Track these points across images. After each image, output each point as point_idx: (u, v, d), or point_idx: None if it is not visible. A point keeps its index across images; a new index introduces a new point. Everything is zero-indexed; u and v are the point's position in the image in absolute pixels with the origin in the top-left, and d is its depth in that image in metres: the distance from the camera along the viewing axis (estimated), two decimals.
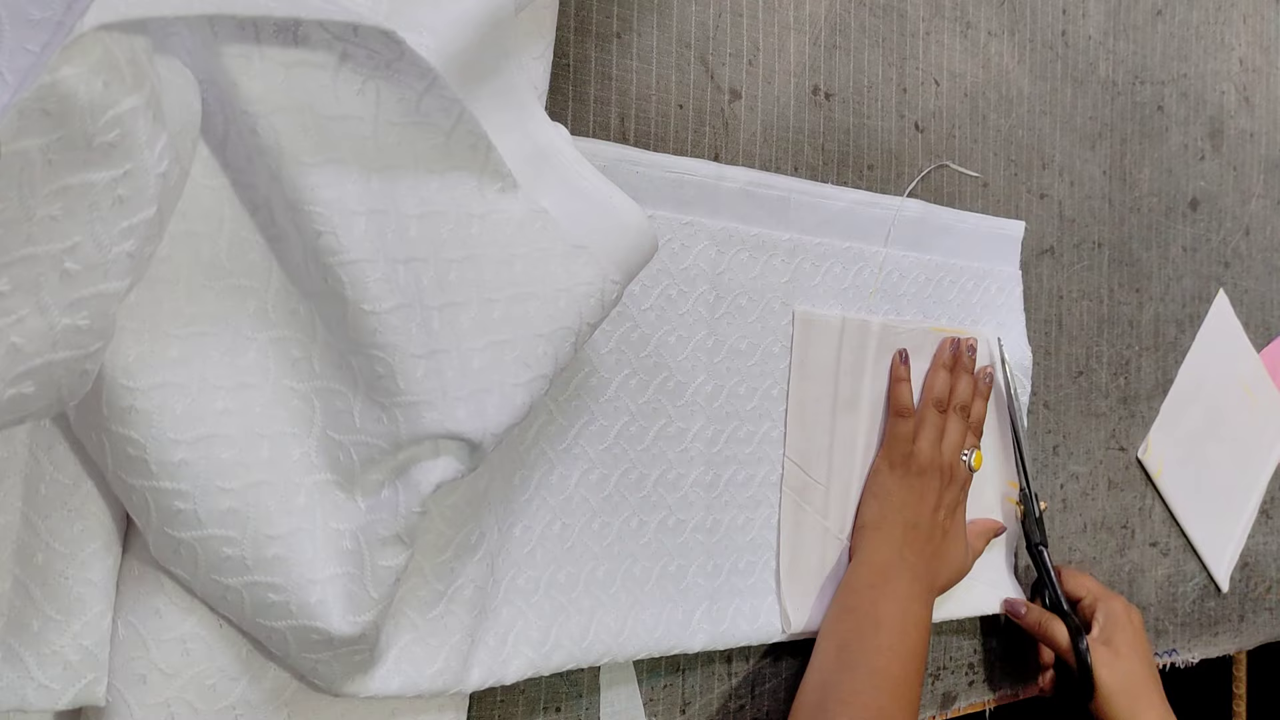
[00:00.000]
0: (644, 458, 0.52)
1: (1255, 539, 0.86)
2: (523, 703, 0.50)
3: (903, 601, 0.54)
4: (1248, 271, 0.87)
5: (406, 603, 0.42)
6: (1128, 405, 0.77)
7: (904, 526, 0.58)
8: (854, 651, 0.52)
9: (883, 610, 0.53)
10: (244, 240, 0.37)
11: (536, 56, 0.46)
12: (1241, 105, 0.87)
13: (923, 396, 0.61)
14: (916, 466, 0.58)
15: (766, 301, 0.55)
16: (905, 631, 0.53)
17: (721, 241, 0.53)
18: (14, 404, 0.28)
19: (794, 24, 0.59)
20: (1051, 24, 0.72)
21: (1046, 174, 0.72)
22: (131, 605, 0.38)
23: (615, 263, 0.41)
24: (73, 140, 0.26)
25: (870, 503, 0.59)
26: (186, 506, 0.35)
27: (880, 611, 0.53)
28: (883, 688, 0.50)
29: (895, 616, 0.53)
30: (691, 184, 0.52)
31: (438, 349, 0.37)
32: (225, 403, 0.37)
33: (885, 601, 0.54)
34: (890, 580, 0.55)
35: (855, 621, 0.53)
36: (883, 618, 0.53)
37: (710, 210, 0.53)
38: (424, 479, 0.37)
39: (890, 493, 0.58)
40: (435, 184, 0.38)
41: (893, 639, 0.52)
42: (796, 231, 0.56)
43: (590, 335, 0.42)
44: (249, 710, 0.39)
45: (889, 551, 0.57)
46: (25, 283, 0.27)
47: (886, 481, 0.59)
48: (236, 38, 0.33)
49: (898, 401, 0.59)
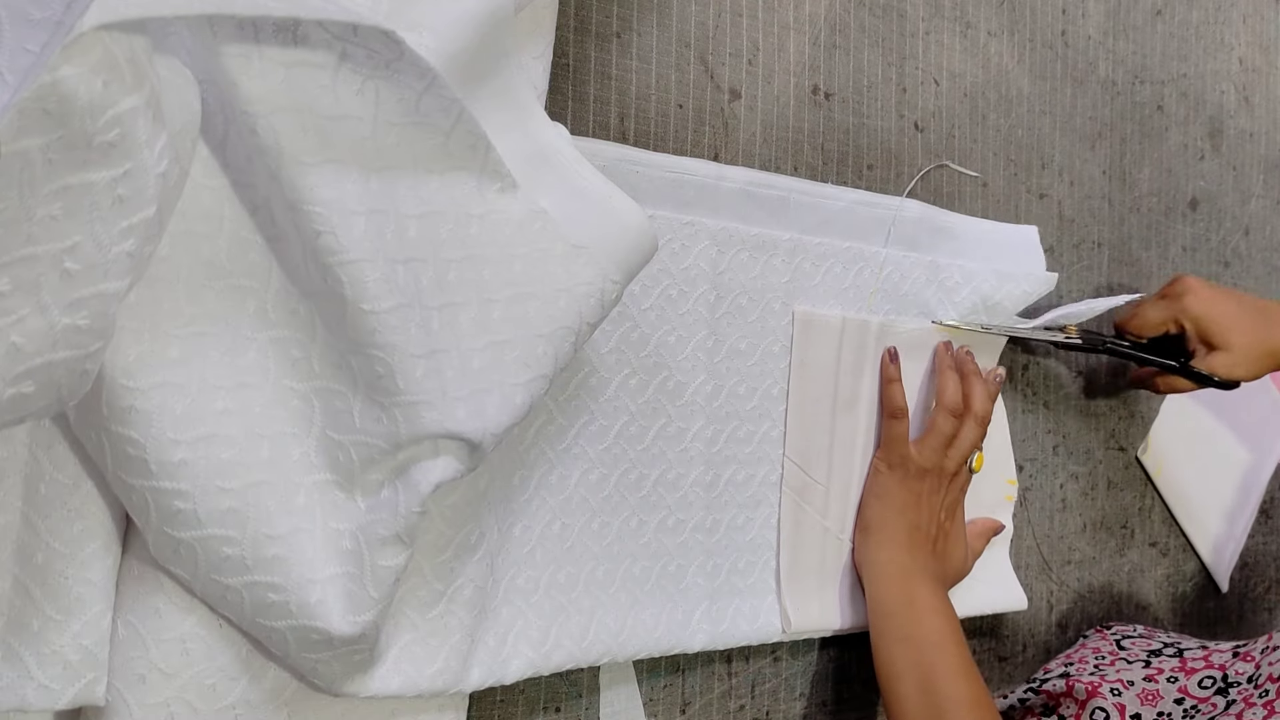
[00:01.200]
0: (644, 457, 0.52)
1: (1255, 539, 0.86)
2: (522, 703, 0.50)
3: (942, 612, 0.55)
4: (1247, 271, 0.87)
5: (406, 603, 0.42)
6: (1127, 405, 0.77)
7: (908, 528, 0.58)
8: (938, 688, 0.52)
9: (928, 625, 0.54)
10: (244, 240, 0.37)
11: (536, 56, 0.46)
12: (1241, 105, 0.87)
13: (936, 403, 0.60)
14: (915, 469, 0.58)
15: (766, 301, 0.55)
16: (960, 644, 0.54)
17: (722, 241, 0.53)
18: (14, 404, 0.28)
19: (794, 24, 0.59)
20: (1051, 24, 0.72)
21: (1046, 174, 0.72)
22: (131, 605, 0.38)
23: (615, 263, 0.41)
24: (73, 140, 0.26)
25: (872, 503, 0.59)
26: (186, 506, 0.35)
27: (926, 628, 0.54)
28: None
29: (946, 631, 0.54)
30: (691, 184, 0.52)
31: (437, 349, 0.37)
32: (225, 403, 0.37)
33: (928, 617, 0.55)
34: (918, 590, 0.56)
35: (918, 652, 0.54)
36: (941, 639, 0.54)
37: (710, 210, 0.53)
38: (424, 479, 0.37)
39: (891, 494, 0.58)
40: (434, 184, 0.38)
41: (962, 658, 0.53)
42: (796, 231, 0.56)
43: (590, 335, 0.42)
44: (249, 710, 0.39)
45: (904, 557, 0.57)
46: (25, 282, 0.27)
47: (887, 482, 0.59)
48: (236, 38, 0.33)
49: (891, 402, 0.59)
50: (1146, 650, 0.66)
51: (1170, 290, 0.67)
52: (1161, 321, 0.67)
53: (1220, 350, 0.65)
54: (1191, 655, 0.62)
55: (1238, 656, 0.59)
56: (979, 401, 0.60)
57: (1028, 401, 0.70)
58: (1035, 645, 0.71)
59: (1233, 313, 0.65)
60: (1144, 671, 0.62)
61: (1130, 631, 0.70)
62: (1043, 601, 0.71)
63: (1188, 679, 0.59)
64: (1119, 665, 0.64)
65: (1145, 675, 0.61)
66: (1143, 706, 0.59)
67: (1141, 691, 0.60)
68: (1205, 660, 0.61)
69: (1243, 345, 0.64)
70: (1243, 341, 0.64)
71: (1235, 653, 0.60)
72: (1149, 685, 0.60)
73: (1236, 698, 0.56)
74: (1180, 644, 0.65)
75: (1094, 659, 0.66)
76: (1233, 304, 0.65)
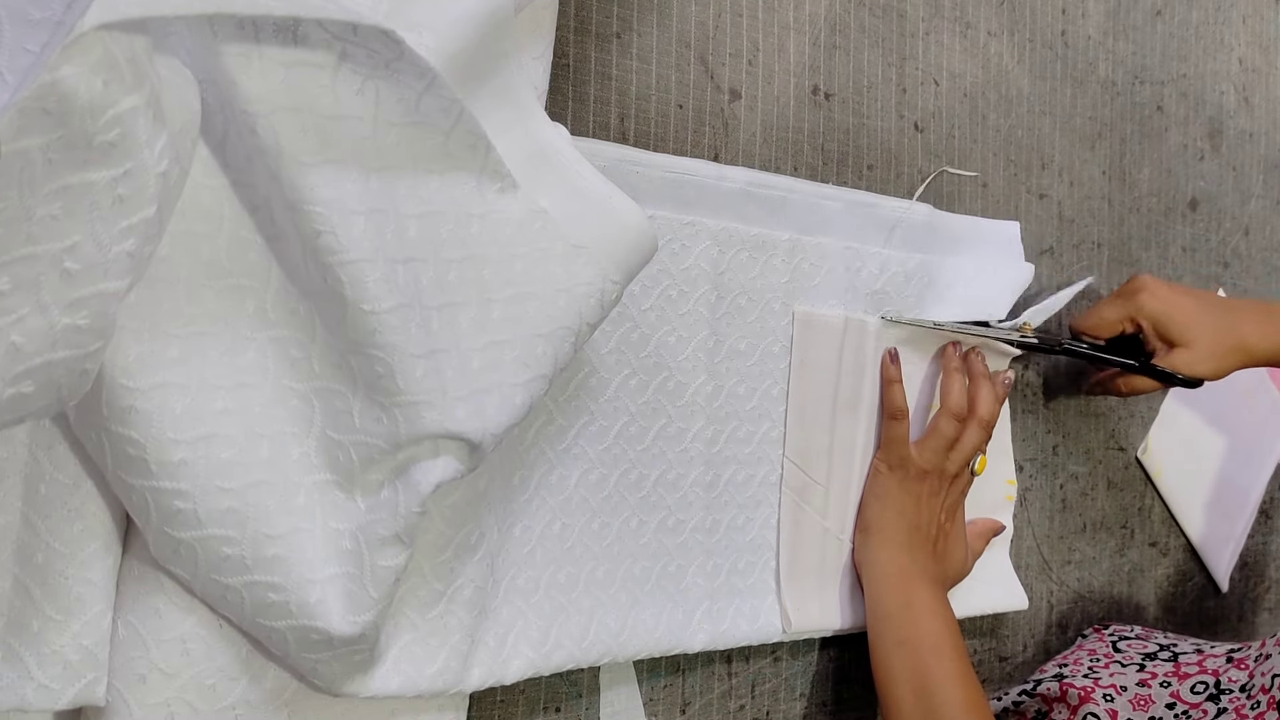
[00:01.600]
0: (644, 458, 0.52)
1: (1255, 539, 0.86)
2: (523, 703, 0.50)
3: (940, 615, 0.55)
4: (1247, 271, 0.87)
5: (406, 603, 0.42)
6: (1127, 405, 0.77)
7: (908, 529, 0.57)
8: (934, 693, 0.52)
9: (925, 628, 0.54)
10: (243, 240, 0.37)
11: (536, 56, 0.46)
12: (1241, 105, 0.87)
13: (941, 405, 0.60)
14: (916, 470, 0.58)
15: (766, 302, 0.55)
16: (958, 649, 0.54)
17: (722, 241, 0.53)
18: (14, 403, 0.28)
19: (793, 24, 0.59)
20: (1051, 24, 0.72)
21: (1046, 174, 0.72)
22: (131, 605, 0.38)
23: (615, 263, 0.41)
24: (73, 139, 0.26)
25: (872, 504, 0.59)
26: (186, 506, 0.35)
27: (923, 631, 0.54)
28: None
29: (944, 635, 0.54)
30: (691, 184, 0.52)
31: (437, 349, 0.37)
32: (225, 402, 0.37)
33: (926, 619, 0.54)
34: (917, 592, 0.55)
35: (915, 656, 0.53)
36: (939, 643, 0.53)
37: (710, 210, 0.53)
38: (424, 479, 0.37)
39: (891, 495, 0.58)
40: (434, 184, 0.38)
41: (959, 663, 0.53)
42: (796, 231, 0.56)
43: (590, 335, 0.42)
44: (249, 710, 0.39)
45: (903, 559, 0.57)
46: (25, 282, 0.27)
47: (887, 483, 0.58)
48: (236, 37, 0.33)
49: (891, 404, 0.59)
50: (1142, 653, 0.66)
51: (1126, 289, 0.65)
52: (1118, 320, 0.65)
53: (1181, 347, 0.63)
54: (1186, 660, 0.62)
55: (1232, 662, 0.59)
56: (985, 405, 0.59)
57: (1027, 401, 0.70)
58: (1035, 645, 0.71)
59: (1191, 308, 0.63)
60: (1138, 676, 0.62)
61: (1127, 632, 0.70)
62: (1043, 601, 0.71)
63: (1180, 684, 0.59)
64: (1113, 669, 0.64)
65: (1139, 680, 0.61)
66: (1135, 712, 0.59)
67: (1134, 697, 0.60)
68: (1199, 665, 0.60)
69: (1205, 341, 0.62)
70: (1205, 337, 0.62)
71: (1230, 658, 0.60)
72: (1142, 690, 0.60)
73: (1228, 705, 0.56)
74: (1176, 646, 0.65)
75: (1089, 661, 0.66)
76: (1191, 300, 0.63)
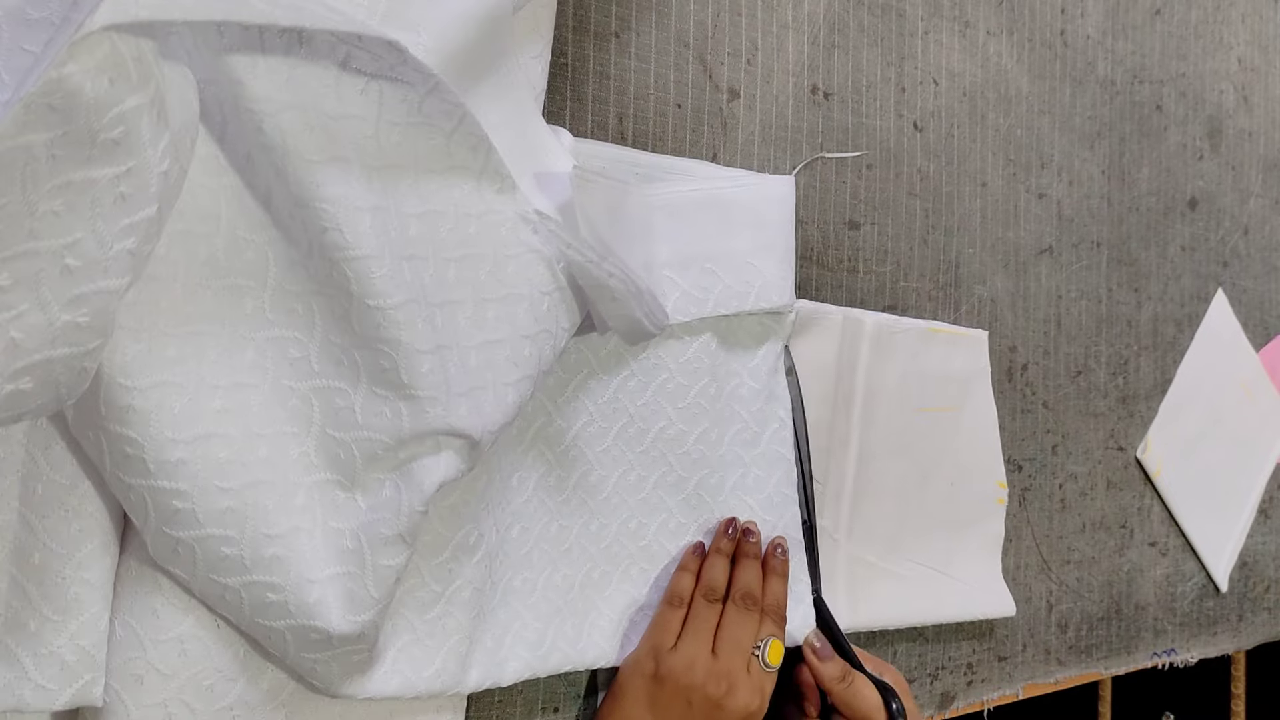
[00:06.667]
0: (642, 460, 0.52)
1: (1254, 539, 0.86)
2: (521, 703, 0.50)
3: None
4: (1246, 271, 0.87)
5: (404, 604, 0.42)
6: (1126, 405, 0.77)
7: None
8: None
9: None
10: (241, 240, 0.37)
11: (534, 56, 0.46)
12: (1240, 105, 0.87)
13: (697, 585, 0.50)
14: (672, 686, 0.47)
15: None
16: None
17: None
18: (12, 400, 0.28)
19: (792, 23, 0.59)
20: (1050, 23, 0.72)
21: (1045, 173, 0.72)
22: (129, 605, 0.37)
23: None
24: (77, 136, 0.26)
25: (612, 712, 0.48)
26: (185, 506, 0.35)
27: None
28: None
29: None
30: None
31: (441, 345, 0.38)
32: (223, 402, 0.36)
33: None
34: None
35: None
36: None
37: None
38: (427, 477, 0.38)
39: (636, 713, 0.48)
40: (435, 183, 0.38)
41: None
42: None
43: (567, 340, 0.43)
44: (246, 711, 0.39)
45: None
46: (26, 278, 0.27)
47: (638, 692, 0.48)
48: (242, 39, 0.33)
49: (671, 589, 0.51)
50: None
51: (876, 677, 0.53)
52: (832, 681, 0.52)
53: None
54: None
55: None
56: (745, 583, 0.50)
57: (1027, 401, 0.70)
58: (1035, 645, 0.71)
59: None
60: None
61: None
62: (1042, 601, 0.71)
63: None
64: None
65: None
66: None
67: None
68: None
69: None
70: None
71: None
72: None
73: None
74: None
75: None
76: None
